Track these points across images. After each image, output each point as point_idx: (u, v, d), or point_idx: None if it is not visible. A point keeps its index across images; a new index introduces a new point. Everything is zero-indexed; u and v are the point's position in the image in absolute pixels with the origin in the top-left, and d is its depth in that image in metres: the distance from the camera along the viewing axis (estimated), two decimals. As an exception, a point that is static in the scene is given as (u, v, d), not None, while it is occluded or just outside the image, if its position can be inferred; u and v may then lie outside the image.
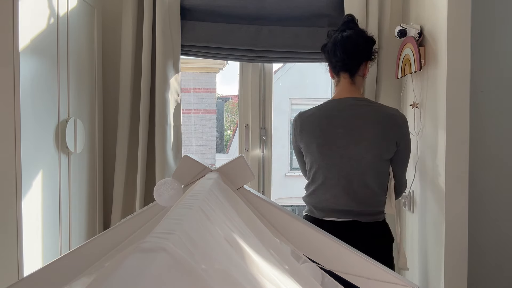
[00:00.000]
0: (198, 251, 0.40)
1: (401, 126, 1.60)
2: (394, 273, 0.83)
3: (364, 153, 1.55)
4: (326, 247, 0.85)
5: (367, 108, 1.59)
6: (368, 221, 1.58)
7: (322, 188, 1.61)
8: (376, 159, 1.57)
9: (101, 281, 0.30)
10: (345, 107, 1.60)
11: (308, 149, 1.64)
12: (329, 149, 1.58)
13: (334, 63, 1.65)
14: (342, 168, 1.57)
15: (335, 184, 1.58)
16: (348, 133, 1.57)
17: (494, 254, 2.06)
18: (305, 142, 1.64)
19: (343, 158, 1.57)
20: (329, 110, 1.62)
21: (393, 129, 1.57)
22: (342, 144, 1.57)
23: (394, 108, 1.65)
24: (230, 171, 0.87)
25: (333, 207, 1.59)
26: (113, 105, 2.10)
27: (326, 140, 1.59)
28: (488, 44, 2.05)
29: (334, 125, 1.58)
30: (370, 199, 1.58)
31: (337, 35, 1.63)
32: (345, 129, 1.57)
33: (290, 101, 6.60)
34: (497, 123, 2.07)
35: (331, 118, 1.60)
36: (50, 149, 1.58)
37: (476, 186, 1.96)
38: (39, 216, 1.50)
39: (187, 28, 2.10)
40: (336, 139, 1.57)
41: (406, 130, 1.62)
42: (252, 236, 0.65)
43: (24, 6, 1.40)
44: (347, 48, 1.61)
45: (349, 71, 1.63)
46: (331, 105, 1.64)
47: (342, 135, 1.57)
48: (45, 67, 1.55)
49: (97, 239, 0.85)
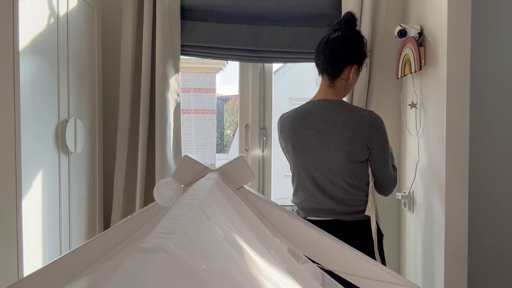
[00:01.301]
0: (198, 251, 0.39)
1: (371, 128, 1.55)
2: (394, 273, 0.83)
3: (334, 155, 1.57)
4: (326, 247, 0.85)
5: (338, 110, 1.58)
6: (350, 219, 1.59)
7: (300, 187, 1.65)
8: (346, 162, 1.56)
9: (101, 281, 0.30)
10: (317, 110, 1.61)
11: (286, 149, 1.68)
12: (301, 150, 1.61)
13: (317, 64, 1.66)
14: (315, 169, 1.60)
15: (311, 184, 1.61)
16: (318, 135, 1.58)
17: (494, 254, 2.06)
18: (284, 143, 1.68)
19: (315, 159, 1.60)
20: (303, 113, 1.63)
21: (362, 133, 1.54)
22: (313, 146, 1.59)
23: (369, 110, 1.63)
24: (230, 171, 0.87)
25: (313, 206, 1.62)
26: (113, 105, 2.10)
27: (299, 141, 1.61)
28: (488, 44, 2.05)
29: (305, 127, 1.61)
30: (348, 199, 1.59)
31: (325, 36, 1.64)
32: (315, 131, 1.59)
33: (290, 101, 6.60)
34: (497, 123, 2.07)
35: (303, 120, 1.62)
36: (50, 149, 1.58)
37: (476, 186, 1.96)
38: (39, 216, 1.50)
39: (187, 28, 2.10)
40: (308, 141, 1.60)
41: (378, 133, 1.57)
42: (252, 236, 0.65)
43: (24, 6, 1.40)
44: (328, 52, 1.59)
45: (329, 74, 1.62)
46: (306, 107, 1.65)
47: (313, 137, 1.59)
48: (45, 67, 1.55)
49: (97, 239, 0.85)
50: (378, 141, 1.57)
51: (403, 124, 2.10)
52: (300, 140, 1.61)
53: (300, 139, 1.61)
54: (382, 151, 1.59)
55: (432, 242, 1.79)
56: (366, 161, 1.60)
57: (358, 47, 1.63)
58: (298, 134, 1.62)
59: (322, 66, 1.63)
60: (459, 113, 1.66)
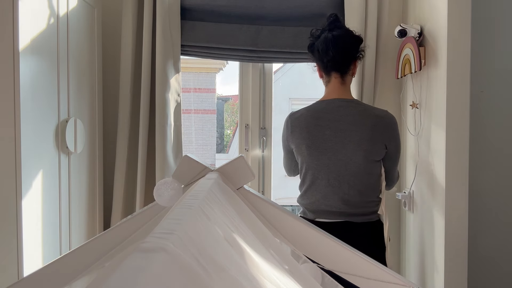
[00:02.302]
0: (198, 251, 0.39)
1: (390, 128, 1.59)
2: (394, 273, 0.83)
3: (352, 155, 1.55)
4: (326, 247, 0.85)
5: (355, 110, 1.58)
6: (360, 221, 1.58)
7: (312, 189, 1.61)
8: (365, 161, 1.56)
9: (101, 281, 0.30)
10: (333, 109, 1.59)
11: (299, 150, 1.64)
12: (317, 150, 1.58)
13: (325, 62, 1.63)
14: (331, 170, 1.57)
15: (325, 185, 1.59)
16: (335, 135, 1.56)
17: (494, 254, 2.06)
18: (296, 143, 1.64)
19: (331, 160, 1.57)
20: (317, 112, 1.61)
21: (381, 132, 1.56)
22: (329, 146, 1.57)
23: (383, 109, 1.64)
24: (230, 171, 0.87)
25: (324, 208, 1.59)
26: (113, 105, 2.10)
27: (314, 141, 1.58)
28: (488, 44, 2.05)
29: (321, 126, 1.58)
30: (361, 200, 1.58)
31: (326, 34, 1.61)
32: (332, 131, 1.57)
33: (290, 101, 6.60)
34: (497, 123, 2.07)
35: (319, 120, 1.59)
36: (50, 149, 1.58)
37: (476, 186, 1.96)
38: (39, 216, 1.50)
39: (187, 28, 2.10)
40: (324, 141, 1.57)
41: (395, 132, 1.61)
42: (252, 236, 0.65)
43: (24, 6, 1.40)
44: (339, 47, 1.59)
45: (340, 70, 1.62)
46: (320, 106, 1.63)
47: (329, 137, 1.57)
48: (45, 67, 1.55)
49: (97, 239, 0.85)
50: (395, 139, 1.61)
51: (403, 124, 2.10)
52: (315, 140, 1.58)
53: (316, 139, 1.58)
54: (397, 149, 1.64)
55: (432, 242, 1.79)
56: (380, 161, 1.61)
57: (360, 40, 1.67)
58: (313, 134, 1.58)
59: (334, 62, 1.61)
60: (459, 113, 1.66)
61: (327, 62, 1.62)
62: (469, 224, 1.68)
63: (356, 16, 2.02)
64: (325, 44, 1.60)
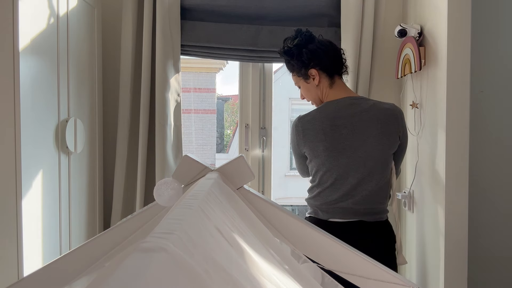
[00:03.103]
0: (198, 251, 0.40)
1: (400, 119, 1.63)
2: (394, 273, 0.83)
3: (371, 150, 1.56)
4: (326, 247, 0.85)
5: (366, 106, 1.60)
6: (372, 220, 1.59)
7: (330, 189, 1.60)
8: (383, 155, 1.58)
9: (101, 281, 0.30)
10: (345, 107, 1.61)
11: (314, 153, 1.62)
12: (335, 151, 1.58)
13: (327, 65, 1.65)
14: (351, 168, 1.57)
15: (344, 184, 1.58)
16: (352, 133, 1.57)
17: (494, 254, 2.06)
18: (310, 147, 1.62)
19: (350, 158, 1.57)
20: (330, 112, 1.61)
21: (394, 124, 1.60)
22: (348, 145, 1.57)
23: (390, 103, 1.67)
24: (230, 171, 0.87)
25: (341, 206, 1.59)
26: (113, 105, 2.10)
27: (332, 142, 1.58)
28: (488, 44, 2.05)
29: (337, 126, 1.58)
30: (377, 195, 1.60)
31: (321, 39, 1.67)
32: (348, 129, 1.57)
33: (290, 101, 6.60)
34: (497, 123, 2.07)
35: (333, 120, 1.59)
36: (50, 149, 1.58)
37: (476, 186, 1.96)
38: (39, 216, 1.50)
39: (187, 28, 2.10)
40: (341, 140, 1.57)
41: (404, 122, 1.66)
42: (252, 236, 0.65)
43: (24, 6, 1.40)
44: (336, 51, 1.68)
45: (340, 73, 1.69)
46: (331, 106, 1.63)
47: (347, 135, 1.57)
48: (45, 67, 1.55)
49: (97, 239, 0.85)
50: (405, 130, 1.66)
51: (403, 124, 2.10)
52: (333, 141, 1.58)
53: (333, 139, 1.58)
54: (407, 140, 1.69)
55: (432, 242, 1.79)
56: (392, 154, 1.63)
57: None
58: (330, 135, 1.58)
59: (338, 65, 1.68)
60: (459, 113, 1.66)
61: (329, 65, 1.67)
62: (469, 224, 1.68)
63: (353, 15, 2.02)
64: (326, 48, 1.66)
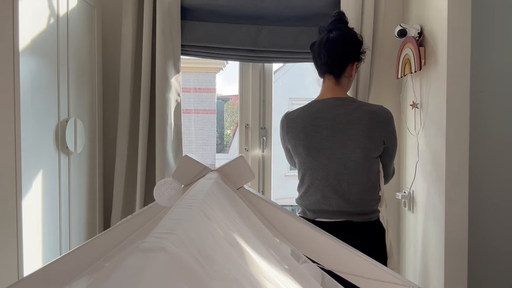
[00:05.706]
0: (198, 251, 0.39)
1: (386, 123, 1.58)
2: (394, 273, 0.83)
3: (350, 153, 1.55)
4: (326, 247, 0.85)
5: (350, 107, 1.58)
6: (361, 220, 1.58)
7: (312, 189, 1.61)
8: (363, 158, 1.56)
9: (101, 281, 0.30)
10: (329, 108, 1.59)
11: (296, 150, 1.63)
12: (315, 150, 1.58)
13: (319, 65, 1.64)
14: (330, 169, 1.57)
15: (324, 185, 1.58)
16: (333, 134, 1.56)
17: (494, 254, 2.06)
18: (292, 144, 1.64)
19: (330, 159, 1.57)
20: (313, 112, 1.61)
21: (378, 128, 1.56)
22: (328, 146, 1.56)
23: (378, 105, 1.64)
24: (230, 171, 0.87)
25: (324, 207, 1.59)
26: (113, 105, 2.10)
27: (311, 142, 1.58)
28: (488, 44, 2.05)
29: (318, 126, 1.58)
30: (361, 198, 1.58)
31: (323, 37, 1.62)
32: (329, 130, 1.56)
33: (290, 101, 6.59)
34: (497, 123, 2.07)
35: (315, 120, 1.59)
36: (50, 149, 1.58)
37: (476, 186, 1.96)
38: (39, 216, 1.50)
39: (187, 28, 2.10)
40: (321, 141, 1.57)
41: (391, 127, 1.61)
42: (252, 236, 0.65)
43: (24, 6, 1.40)
44: (331, 51, 1.60)
45: (334, 73, 1.62)
46: (315, 106, 1.62)
47: (327, 137, 1.56)
48: (45, 67, 1.55)
49: (97, 239, 0.85)
50: (392, 134, 1.62)
51: (403, 124, 2.10)
52: (313, 140, 1.58)
53: (313, 139, 1.58)
54: (394, 144, 1.64)
55: (432, 242, 1.79)
56: (378, 157, 1.61)
57: (358, 43, 1.65)
58: (310, 134, 1.58)
59: (326, 66, 1.61)
60: (459, 113, 1.66)
61: (321, 65, 1.64)
62: (469, 224, 1.68)
63: (352, 15, 2.02)
64: (319, 47, 1.62)
